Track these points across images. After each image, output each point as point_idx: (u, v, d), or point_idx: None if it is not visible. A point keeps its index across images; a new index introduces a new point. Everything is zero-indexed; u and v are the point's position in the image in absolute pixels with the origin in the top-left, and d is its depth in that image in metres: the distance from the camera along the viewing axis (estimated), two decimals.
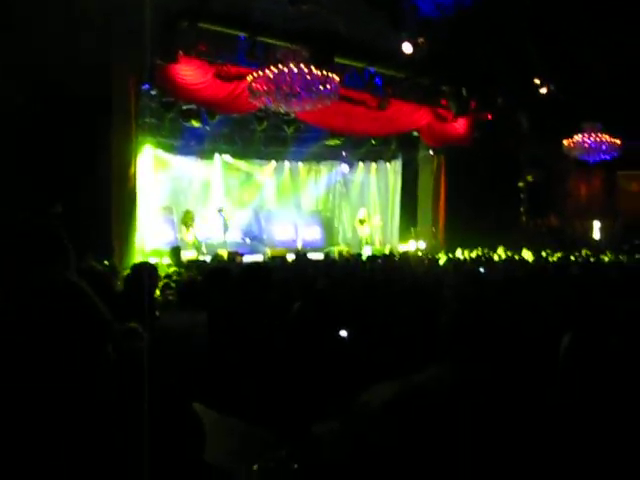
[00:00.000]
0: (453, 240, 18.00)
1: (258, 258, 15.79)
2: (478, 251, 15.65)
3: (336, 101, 13.16)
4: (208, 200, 19.25)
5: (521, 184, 21.86)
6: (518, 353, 3.11)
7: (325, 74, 12.22)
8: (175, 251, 12.45)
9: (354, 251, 17.61)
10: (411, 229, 20.44)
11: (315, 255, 15.07)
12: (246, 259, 14.72)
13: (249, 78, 12.43)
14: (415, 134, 18.85)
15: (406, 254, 15.91)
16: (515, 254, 15.38)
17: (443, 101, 17.54)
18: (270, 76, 11.99)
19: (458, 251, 15.91)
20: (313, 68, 12.09)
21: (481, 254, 14.92)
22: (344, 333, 3.89)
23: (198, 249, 16.51)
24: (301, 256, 13.48)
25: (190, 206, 17.90)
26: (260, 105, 13.17)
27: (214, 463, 2.16)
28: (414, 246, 19.25)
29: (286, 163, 21.45)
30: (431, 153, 19.84)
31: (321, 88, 12.24)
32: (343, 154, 21.71)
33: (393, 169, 22.03)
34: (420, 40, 14.08)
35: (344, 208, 23.08)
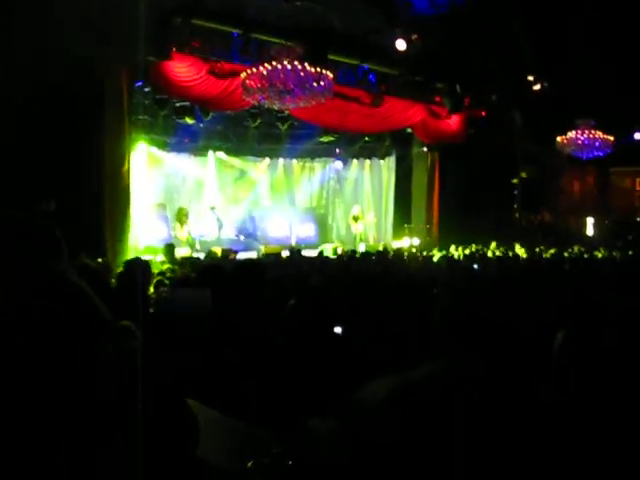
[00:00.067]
0: (447, 237, 18.02)
1: (252, 255, 15.78)
2: (472, 248, 15.68)
3: (330, 98, 13.14)
4: (202, 197, 19.23)
5: (515, 181, 21.92)
6: (512, 349, 3.12)
7: (319, 71, 12.21)
8: (169, 248, 12.41)
9: (348, 248, 17.59)
10: (405, 226, 20.46)
11: (309, 252, 15.07)
12: (240, 256, 14.70)
13: (243, 75, 12.41)
14: (409, 131, 18.87)
15: (400, 251, 15.92)
16: (509, 250, 15.43)
17: (437, 98, 17.56)
18: (264, 73, 11.97)
19: (452, 248, 15.93)
20: (307, 65, 12.07)
21: (475, 251, 14.95)
22: (338, 330, 3.89)
23: (192, 246, 16.48)
24: (295, 253, 13.48)
25: (184, 203, 17.87)
26: (254, 102, 13.15)
27: (208, 460, 2.15)
28: (408, 243, 19.26)
29: (280, 160, 21.42)
30: (425, 150, 19.85)
31: (315, 85, 12.23)
32: (337, 151, 21.69)
33: (387, 166, 22.03)
34: (414, 37, 14.08)
35: (338, 205, 23.07)
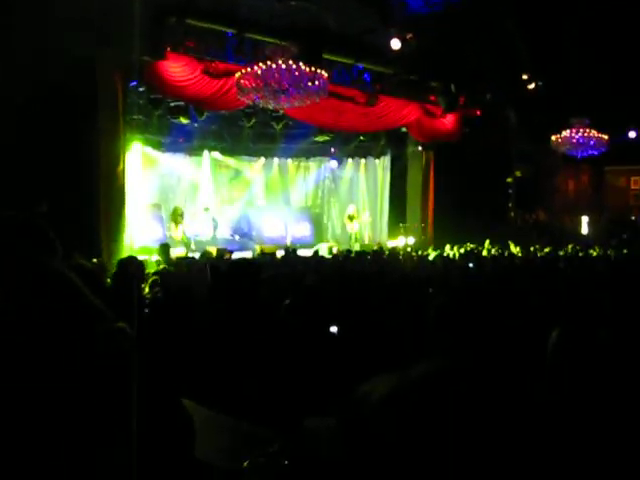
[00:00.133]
0: (442, 236, 18.02)
1: (247, 255, 15.76)
2: (467, 246, 15.69)
3: (325, 97, 13.14)
4: (197, 197, 19.20)
5: (509, 180, 21.94)
6: (507, 348, 3.12)
7: (313, 70, 12.20)
8: (164, 248, 12.37)
9: (343, 247, 17.59)
10: (400, 225, 20.46)
11: (304, 252, 15.06)
12: (235, 256, 14.69)
13: (237, 75, 12.40)
14: (404, 130, 18.86)
15: (395, 250, 15.93)
16: (503, 249, 15.45)
17: (432, 97, 17.56)
18: (258, 72, 11.96)
19: (447, 247, 15.94)
20: (301, 64, 12.07)
21: (470, 250, 14.97)
22: (334, 329, 3.89)
23: (187, 246, 16.44)
24: (290, 253, 13.47)
25: (179, 203, 17.83)
26: (248, 101, 13.14)
27: (205, 459, 2.16)
28: (403, 242, 19.27)
29: (275, 159, 21.40)
30: (420, 149, 19.85)
31: (309, 84, 12.22)
32: (332, 150, 21.67)
33: (382, 165, 22.03)
34: (409, 36, 14.08)
35: (333, 204, 23.05)
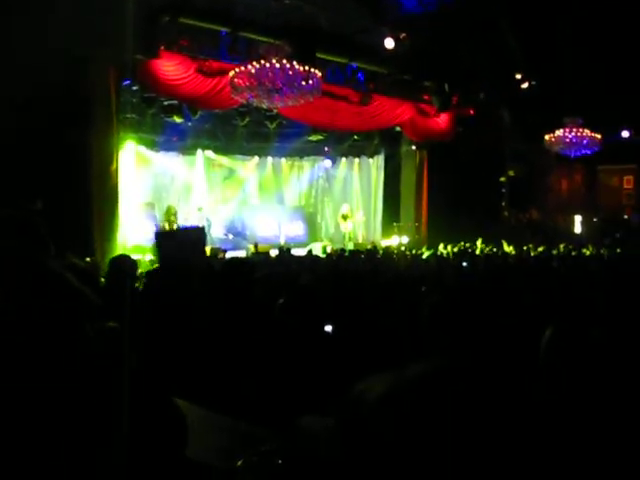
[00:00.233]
0: (436, 235, 18.05)
1: (241, 254, 15.74)
2: (460, 245, 15.72)
3: (318, 96, 13.14)
4: (190, 196, 19.17)
5: (503, 179, 21.97)
6: (500, 346, 3.13)
7: (307, 69, 12.20)
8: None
9: (337, 247, 17.59)
10: (394, 224, 20.48)
11: (298, 251, 15.05)
12: (229, 255, 14.67)
13: (231, 73, 12.38)
14: (398, 129, 18.88)
15: (389, 249, 15.94)
16: (497, 248, 15.48)
17: (425, 96, 17.58)
18: (252, 71, 11.95)
19: (440, 246, 15.96)
20: (295, 63, 12.06)
21: (463, 248, 14.99)
22: (329, 328, 3.89)
23: None
24: (284, 252, 13.47)
25: (172, 202, 17.79)
26: (242, 100, 13.13)
27: (197, 459, 2.15)
28: (397, 241, 19.29)
29: (269, 159, 21.40)
30: (414, 148, 19.88)
31: (303, 83, 12.22)
32: (326, 149, 21.68)
33: (376, 164, 22.06)
34: (402, 35, 14.09)
35: (327, 204, 23.06)
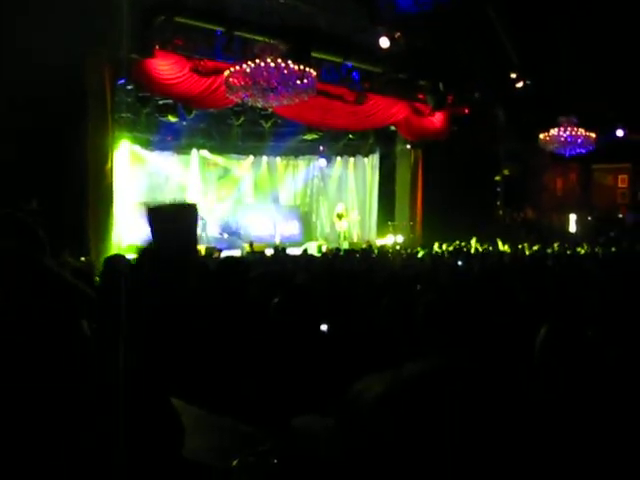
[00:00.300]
0: (431, 234, 18.06)
1: (236, 253, 15.74)
2: (455, 244, 15.74)
3: (313, 96, 13.13)
4: (185, 195, 19.15)
5: (498, 178, 22.00)
6: (495, 345, 3.13)
7: (302, 68, 12.19)
8: None
9: (332, 246, 17.60)
10: (389, 223, 20.50)
11: (293, 250, 15.06)
12: (224, 254, 14.66)
13: (226, 73, 12.36)
14: (393, 128, 18.88)
15: (384, 248, 15.95)
16: (492, 247, 15.50)
17: (420, 95, 17.58)
18: (247, 71, 11.94)
19: (436, 245, 15.98)
20: (290, 62, 12.06)
21: (458, 247, 15.01)
22: (324, 327, 3.89)
23: None
24: (279, 251, 13.47)
25: (167, 202, 17.74)
26: (237, 100, 13.12)
27: (193, 458, 2.15)
28: (392, 240, 19.30)
29: (264, 158, 21.40)
30: (408, 147, 19.89)
31: (298, 82, 12.21)
32: (321, 149, 21.69)
33: (371, 163, 22.07)
34: (397, 35, 14.09)
35: (322, 203, 23.08)
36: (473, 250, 14.58)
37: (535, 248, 15.05)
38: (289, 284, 5.60)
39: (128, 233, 15.23)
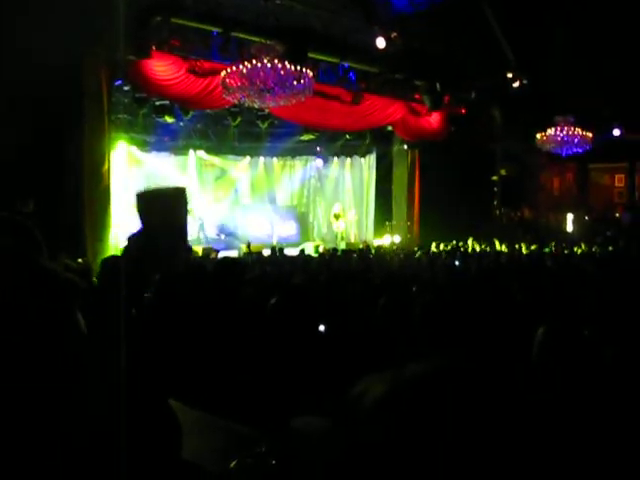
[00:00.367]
0: (428, 234, 18.08)
1: (233, 254, 15.74)
2: (453, 244, 15.76)
3: (310, 96, 13.13)
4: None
5: (495, 178, 22.01)
6: (493, 344, 3.13)
7: (299, 69, 12.19)
8: None
9: (329, 246, 17.61)
10: (386, 223, 20.51)
11: (291, 250, 15.06)
12: (221, 255, 14.65)
13: (223, 73, 12.36)
14: (389, 129, 18.89)
15: (381, 248, 15.96)
16: (489, 246, 15.52)
17: (417, 95, 17.58)
18: (244, 71, 11.93)
19: (433, 245, 15.99)
20: (287, 63, 12.05)
21: (456, 247, 15.03)
22: (322, 328, 3.89)
23: None
24: (277, 251, 13.48)
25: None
26: (234, 100, 13.11)
27: (192, 460, 2.15)
28: (389, 240, 19.31)
29: (261, 158, 21.42)
30: (405, 148, 19.90)
31: (295, 83, 12.21)
32: (318, 149, 21.69)
33: (368, 164, 22.09)
34: (393, 35, 14.09)
35: (319, 203, 23.09)
36: (470, 250, 14.62)
37: (532, 248, 15.08)
38: (286, 284, 5.60)
39: (125, 234, 15.22)
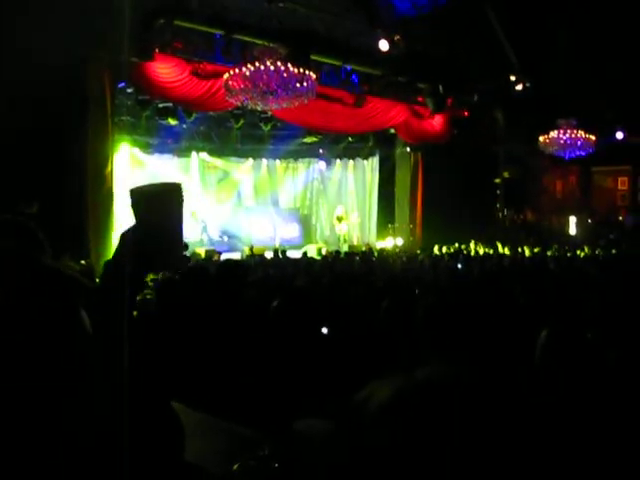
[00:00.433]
0: (431, 236, 18.07)
1: (236, 256, 15.74)
2: (455, 247, 15.75)
3: (313, 99, 13.12)
4: (186, 198, 19.15)
5: (498, 180, 22.00)
6: (496, 348, 3.13)
7: (302, 71, 12.19)
8: None
9: (332, 248, 17.61)
10: (389, 226, 20.50)
11: (293, 253, 15.07)
12: (224, 257, 14.66)
13: (226, 76, 12.36)
14: (392, 131, 18.88)
15: (384, 251, 15.96)
16: (492, 249, 15.51)
17: (420, 98, 17.58)
18: (247, 74, 11.94)
19: (435, 247, 15.98)
20: (290, 66, 12.06)
21: (458, 250, 15.02)
22: (324, 330, 3.89)
23: None
24: (279, 254, 13.48)
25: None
26: (237, 103, 13.11)
27: (194, 462, 2.15)
28: (392, 243, 19.31)
29: (263, 161, 21.41)
30: (408, 150, 19.88)
31: (298, 85, 12.21)
32: (320, 151, 21.70)
33: (370, 166, 22.08)
34: (396, 38, 14.10)
35: (322, 205, 23.08)
36: (473, 253, 14.60)
37: (535, 251, 15.06)
38: (289, 287, 5.60)
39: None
